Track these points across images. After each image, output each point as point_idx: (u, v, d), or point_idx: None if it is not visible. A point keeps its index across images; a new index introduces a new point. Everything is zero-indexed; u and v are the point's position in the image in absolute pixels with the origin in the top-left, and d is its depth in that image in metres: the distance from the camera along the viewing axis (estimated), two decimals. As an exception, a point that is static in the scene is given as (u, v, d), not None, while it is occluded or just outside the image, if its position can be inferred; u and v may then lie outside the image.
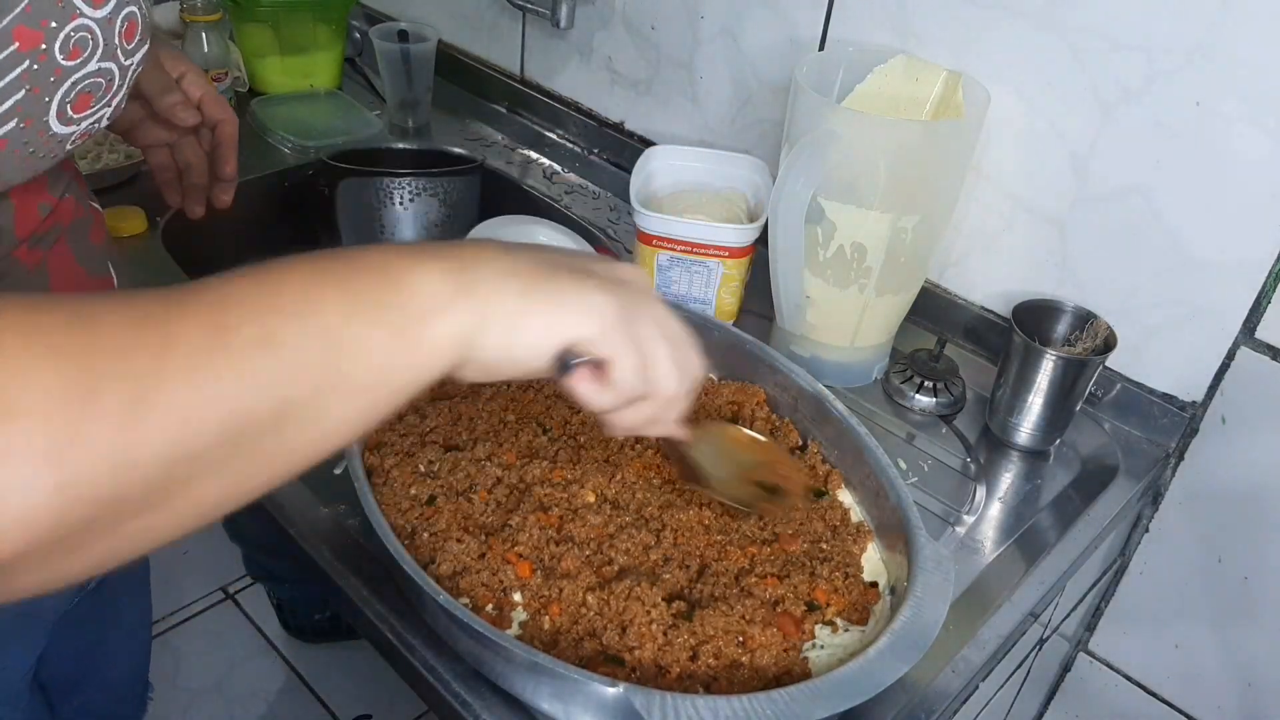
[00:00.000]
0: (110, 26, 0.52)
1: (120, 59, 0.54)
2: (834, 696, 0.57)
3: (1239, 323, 0.86)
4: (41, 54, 0.49)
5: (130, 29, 0.54)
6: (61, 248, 0.62)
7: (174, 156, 0.86)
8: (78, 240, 0.64)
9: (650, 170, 1.04)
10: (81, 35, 0.50)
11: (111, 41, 0.53)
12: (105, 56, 0.53)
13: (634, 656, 0.62)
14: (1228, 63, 0.79)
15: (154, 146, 0.86)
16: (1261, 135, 0.80)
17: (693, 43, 1.16)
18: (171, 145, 0.86)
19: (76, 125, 0.54)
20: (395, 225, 1.16)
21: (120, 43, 0.54)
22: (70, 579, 0.36)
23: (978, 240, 1.00)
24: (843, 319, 0.93)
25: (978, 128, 0.87)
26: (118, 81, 0.55)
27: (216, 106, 0.84)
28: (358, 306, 0.41)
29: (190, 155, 0.86)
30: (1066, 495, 0.88)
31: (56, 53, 0.50)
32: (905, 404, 0.95)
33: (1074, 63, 0.87)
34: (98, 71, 0.53)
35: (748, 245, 0.95)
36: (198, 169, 0.86)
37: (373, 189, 1.15)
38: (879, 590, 0.71)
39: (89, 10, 0.50)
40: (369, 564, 0.71)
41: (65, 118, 0.52)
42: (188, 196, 0.88)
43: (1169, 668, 1.03)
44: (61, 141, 0.53)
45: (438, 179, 1.16)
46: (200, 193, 0.88)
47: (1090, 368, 0.86)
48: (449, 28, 1.45)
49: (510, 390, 0.82)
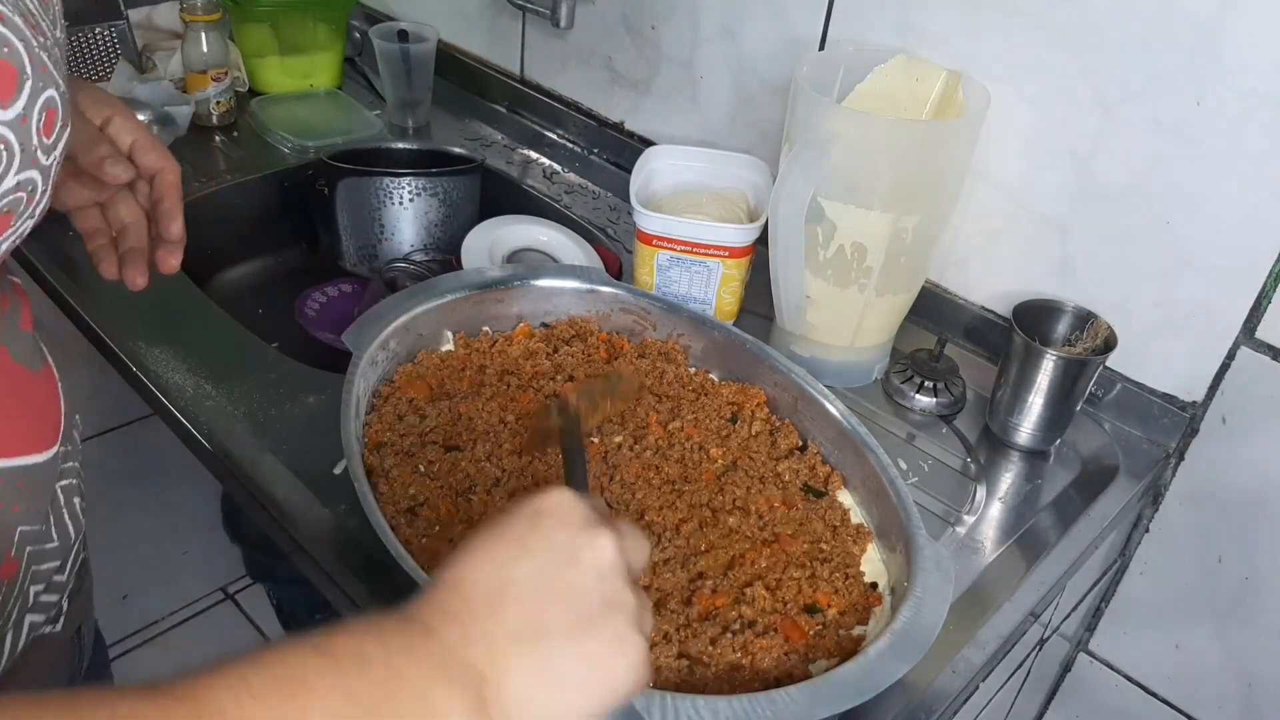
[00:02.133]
0: (25, 126, 0.43)
1: (41, 160, 0.45)
2: (834, 697, 0.57)
3: (1239, 323, 0.86)
4: None
5: (49, 120, 0.45)
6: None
7: (106, 217, 0.70)
8: (9, 335, 0.55)
9: (650, 170, 1.03)
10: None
11: (29, 145, 0.43)
12: (24, 165, 0.43)
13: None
14: (1228, 63, 0.79)
15: (81, 208, 0.69)
16: (1262, 135, 0.79)
17: (693, 43, 1.16)
18: (103, 204, 0.70)
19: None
20: (395, 225, 1.16)
21: (40, 141, 0.44)
22: None
23: (978, 240, 1.00)
24: (843, 319, 0.93)
25: (978, 128, 0.87)
26: (40, 188, 0.46)
27: (153, 154, 0.69)
28: None
29: (125, 214, 0.69)
30: (1067, 495, 0.88)
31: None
32: (905, 404, 0.95)
33: (1074, 63, 0.87)
34: (17, 186, 0.44)
35: (748, 245, 0.95)
36: (135, 230, 0.70)
37: (372, 189, 1.15)
38: (880, 592, 0.71)
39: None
40: (369, 564, 0.71)
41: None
42: (127, 264, 0.69)
43: (1169, 668, 1.03)
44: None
45: (437, 179, 1.16)
46: (141, 258, 0.69)
47: (1090, 368, 0.86)
48: (449, 28, 1.45)
49: (510, 390, 0.82)
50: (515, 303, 0.89)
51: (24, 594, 0.56)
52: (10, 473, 0.53)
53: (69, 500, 0.60)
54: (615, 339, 0.90)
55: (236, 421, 0.84)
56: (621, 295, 0.90)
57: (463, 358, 0.84)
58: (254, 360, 0.92)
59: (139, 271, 0.69)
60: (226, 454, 0.81)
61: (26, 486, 0.55)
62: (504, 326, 0.89)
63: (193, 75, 1.27)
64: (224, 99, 1.30)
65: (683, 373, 0.87)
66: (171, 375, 0.88)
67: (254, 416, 0.85)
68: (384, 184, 1.15)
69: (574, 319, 0.90)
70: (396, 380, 0.81)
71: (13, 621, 0.56)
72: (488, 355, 0.85)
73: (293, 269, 1.28)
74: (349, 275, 1.20)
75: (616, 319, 0.91)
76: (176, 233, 0.70)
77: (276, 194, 1.25)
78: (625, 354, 0.88)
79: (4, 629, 0.55)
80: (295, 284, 1.16)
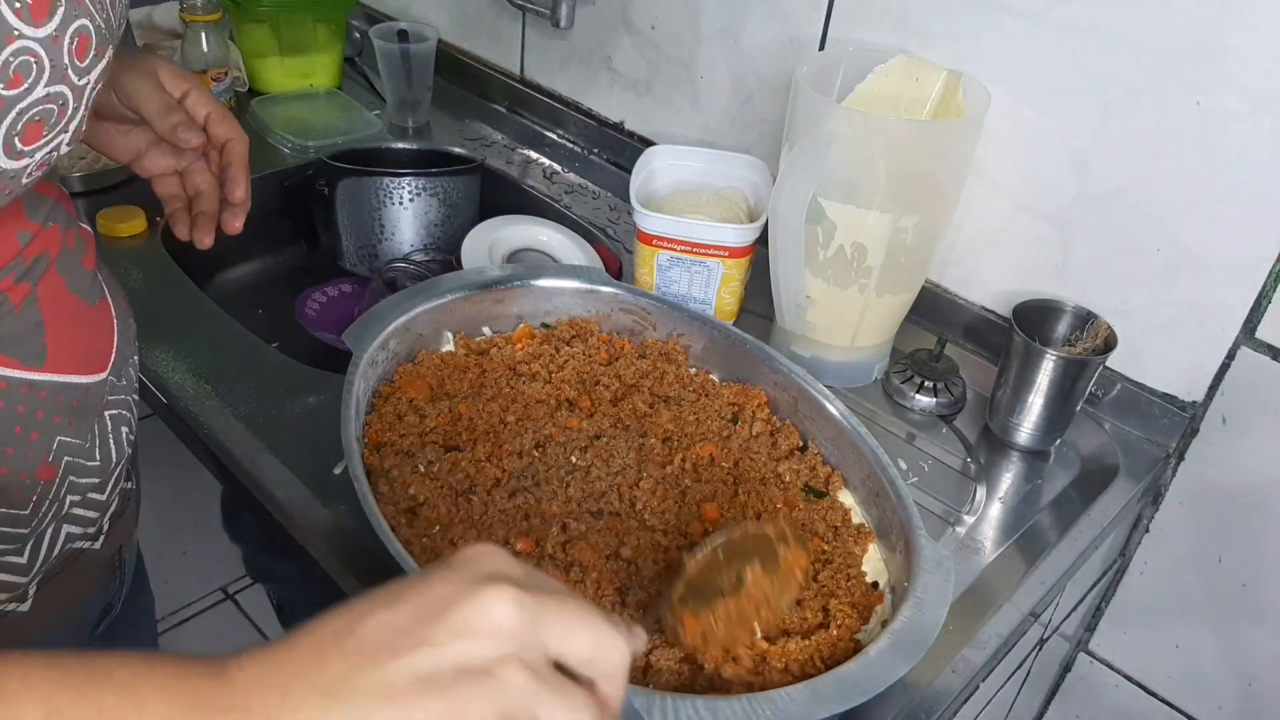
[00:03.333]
0: (56, 45, 0.47)
1: (73, 79, 0.49)
2: (834, 696, 0.57)
3: (1239, 323, 0.86)
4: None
5: (82, 45, 0.49)
6: (52, 277, 0.59)
7: (184, 184, 0.79)
8: (69, 269, 0.60)
9: (650, 170, 1.03)
10: (23, 60, 0.46)
11: (60, 62, 0.48)
12: (54, 79, 0.48)
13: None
14: (1228, 62, 0.79)
15: (162, 175, 0.78)
16: (1262, 135, 0.79)
17: (693, 42, 1.16)
18: (180, 172, 0.79)
19: (29, 158, 0.49)
20: (395, 225, 1.16)
21: (71, 62, 0.49)
22: None
23: (978, 240, 1.00)
24: (843, 319, 0.93)
25: (978, 128, 0.87)
26: (72, 105, 0.50)
27: (224, 125, 0.77)
28: None
29: (200, 182, 0.78)
30: (1067, 495, 0.88)
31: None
32: (905, 404, 0.95)
33: (1074, 63, 0.87)
34: (47, 97, 0.48)
35: (748, 245, 0.95)
36: (208, 195, 0.79)
37: (372, 189, 1.15)
38: (881, 592, 0.71)
39: (29, 30, 0.45)
40: (369, 564, 0.71)
41: (14, 151, 0.48)
42: (197, 226, 0.79)
43: (1169, 667, 1.03)
44: (14, 177, 0.49)
45: (437, 179, 1.16)
46: (210, 221, 0.79)
47: (1090, 368, 0.86)
48: (449, 28, 1.45)
49: (510, 390, 0.82)
50: (515, 303, 0.89)
51: (59, 500, 0.60)
52: (56, 387, 0.58)
53: (116, 428, 0.64)
54: (615, 339, 0.90)
55: (236, 421, 0.84)
56: (621, 295, 0.90)
57: (463, 358, 0.84)
58: (254, 360, 0.92)
59: (207, 232, 0.79)
60: (226, 454, 0.81)
61: (70, 402, 0.59)
62: (504, 326, 0.89)
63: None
64: (224, 99, 1.30)
65: (683, 373, 0.87)
66: (171, 375, 0.88)
67: (254, 416, 0.85)
68: (384, 184, 1.15)
69: (574, 319, 0.90)
70: (396, 380, 0.81)
71: (49, 524, 0.60)
72: (488, 355, 0.85)
73: (293, 269, 1.28)
74: (349, 275, 1.20)
75: (616, 319, 0.91)
76: (240, 196, 0.78)
77: (276, 194, 1.25)
78: (625, 354, 0.88)
79: (40, 529, 0.60)
80: (295, 284, 1.16)
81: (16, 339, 0.56)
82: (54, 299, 0.58)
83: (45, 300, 0.58)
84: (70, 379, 0.59)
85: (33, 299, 0.57)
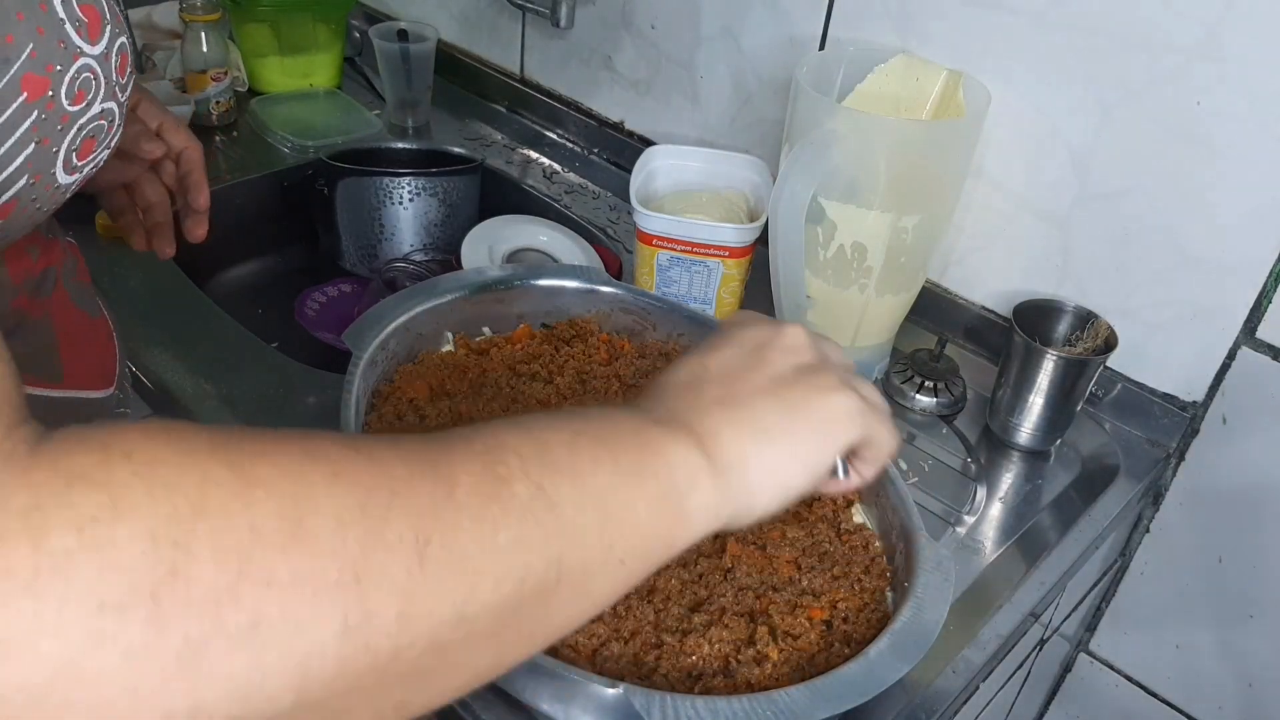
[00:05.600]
0: (107, 62, 0.49)
1: (119, 95, 0.52)
2: (834, 696, 0.57)
3: (1240, 322, 0.86)
4: (49, 101, 0.46)
5: (123, 62, 0.51)
6: (59, 293, 0.59)
7: (132, 196, 0.78)
8: (71, 283, 0.61)
9: (650, 170, 1.03)
10: (85, 77, 0.48)
11: (111, 78, 0.50)
12: (106, 96, 0.50)
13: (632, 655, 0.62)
14: (1228, 62, 0.79)
15: (111, 189, 0.77)
16: (1263, 135, 0.79)
17: (693, 42, 1.16)
18: (128, 185, 0.77)
19: (80, 173, 0.51)
20: (395, 225, 1.16)
21: (116, 78, 0.51)
22: None
23: (978, 240, 1.00)
24: (843, 319, 0.93)
25: (978, 127, 0.87)
26: (117, 121, 0.52)
27: (179, 134, 0.76)
28: (622, 473, 0.39)
29: (150, 194, 0.77)
30: (1067, 495, 0.88)
31: (63, 99, 0.47)
32: (905, 404, 0.95)
33: (1074, 62, 0.87)
34: (101, 113, 0.50)
35: (748, 245, 0.95)
36: (160, 206, 0.77)
37: (372, 189, 1.15)
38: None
39: (88, 48, 0.48)
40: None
41: (70, 166, 0.50)
42: (156, 236, 0.78)
43: (1169, 668, 1.03)
44: (65, 191, 0.51)
45: (437, 179, 1.16)
46: (169, 229, 0.78)
47: (1091, 368, 0.86)
48: (449, 27, 1.45)
49: (510, 390, 0.82)
50: (515, 303, 0.89)
51: None
52: (73, 403, 0.59)
53: None
54: (615, 339, 0.90)
55: (236, 421, 0.84)
56: (621, 295, 0.90)
57: (463, 358, 0.84)
58: (254, 360, 0.92)
59: (168, 242, 0.78)
60: (226, 454, 0.81)
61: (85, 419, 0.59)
62: (504, 327, 0.89)
63: (192, 75, 1.27)
64: (224, 99, 1.30)
65: (683, 373, 0.87)
66: (171, 375, 0.88)
67: (254, 417, 0.84)
68: (384, 184, 1.15)
69: (574, 319, 0.90)
70: (396, 380, 0.81)
71: None
72: (488, 355, 0.85)
73: (293, 269, 1.28)
74: (349, 275, 1.20)
75: (616, 319, 0.91)
76: (203, 203, 0.78)
77: (276, 194, 1.25)
78: (625, 354, 0.88)
79: None
80: (295, 284, 1.16)
81: (35, 357, 0.56)
82: (63, 315, 0.59)
83: (56, 317, 0.58)
84: (85, 394, 0.59)
85: (47, 316, 0.57)
